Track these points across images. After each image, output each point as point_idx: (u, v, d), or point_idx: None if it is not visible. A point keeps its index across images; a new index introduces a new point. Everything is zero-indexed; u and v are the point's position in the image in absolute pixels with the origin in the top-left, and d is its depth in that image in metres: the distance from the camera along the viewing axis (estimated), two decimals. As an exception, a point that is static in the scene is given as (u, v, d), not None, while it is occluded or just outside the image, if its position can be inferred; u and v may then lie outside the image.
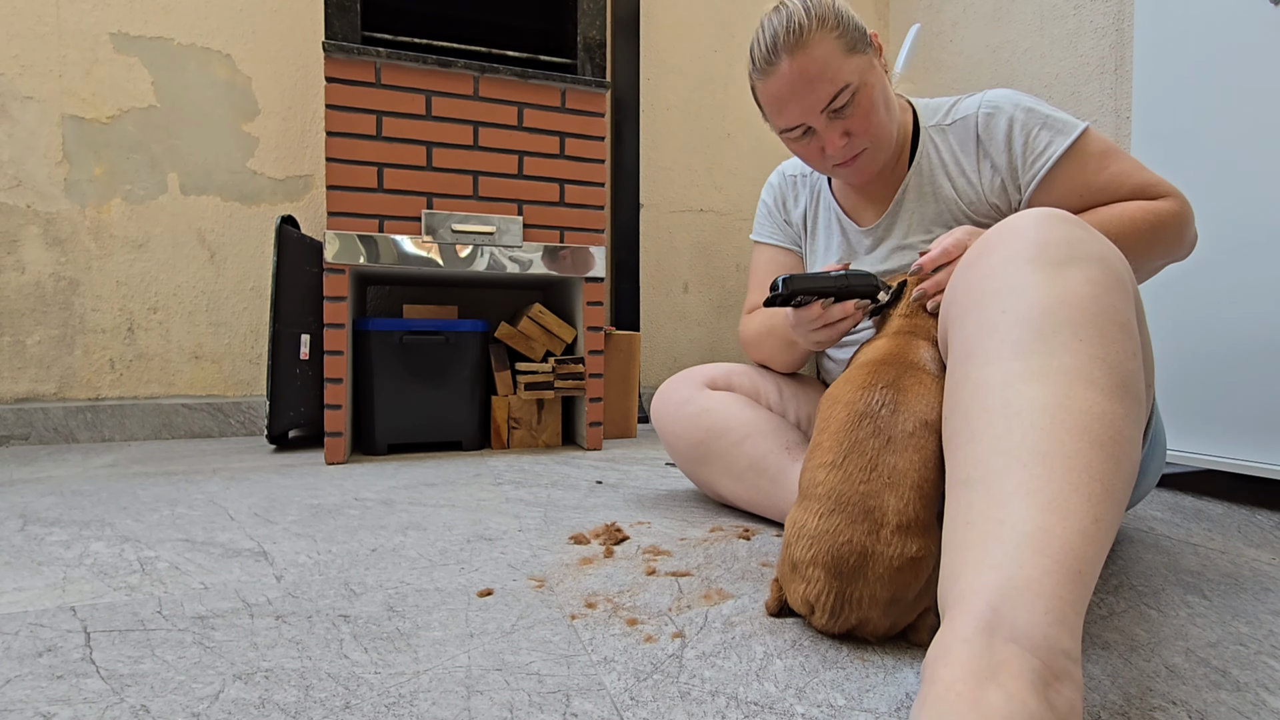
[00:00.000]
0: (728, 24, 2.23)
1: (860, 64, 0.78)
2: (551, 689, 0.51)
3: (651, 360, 2.19)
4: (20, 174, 1.61)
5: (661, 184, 2.17)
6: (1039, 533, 0.41)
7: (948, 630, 0.39)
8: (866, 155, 0.83)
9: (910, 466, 0.58)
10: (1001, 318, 0.51)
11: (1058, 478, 0.42)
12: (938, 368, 0.66)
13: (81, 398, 1.68)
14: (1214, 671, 0.55)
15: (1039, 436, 0.44)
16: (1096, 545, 0.41)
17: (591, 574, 0.76)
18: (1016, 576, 0.39)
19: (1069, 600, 0.39)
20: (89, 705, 0.49)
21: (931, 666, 0.38)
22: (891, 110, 0.83)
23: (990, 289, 0.53)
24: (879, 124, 0.81)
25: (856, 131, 0.81)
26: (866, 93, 0.79)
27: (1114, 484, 0.43)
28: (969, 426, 0.49)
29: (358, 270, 1.50)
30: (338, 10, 1.41)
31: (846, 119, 0.80)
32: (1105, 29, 1.66)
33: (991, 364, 0.50)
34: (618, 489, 1.19)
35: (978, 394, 0.49)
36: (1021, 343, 0.49)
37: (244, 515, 0.99)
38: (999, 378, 0.49)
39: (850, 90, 0.78)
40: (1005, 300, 0.51)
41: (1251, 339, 1.08)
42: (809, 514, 0.59)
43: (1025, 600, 0.38)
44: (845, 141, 0.81)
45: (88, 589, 0.70)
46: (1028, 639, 0.37)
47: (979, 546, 0.42)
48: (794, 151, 0.87)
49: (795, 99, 0.79)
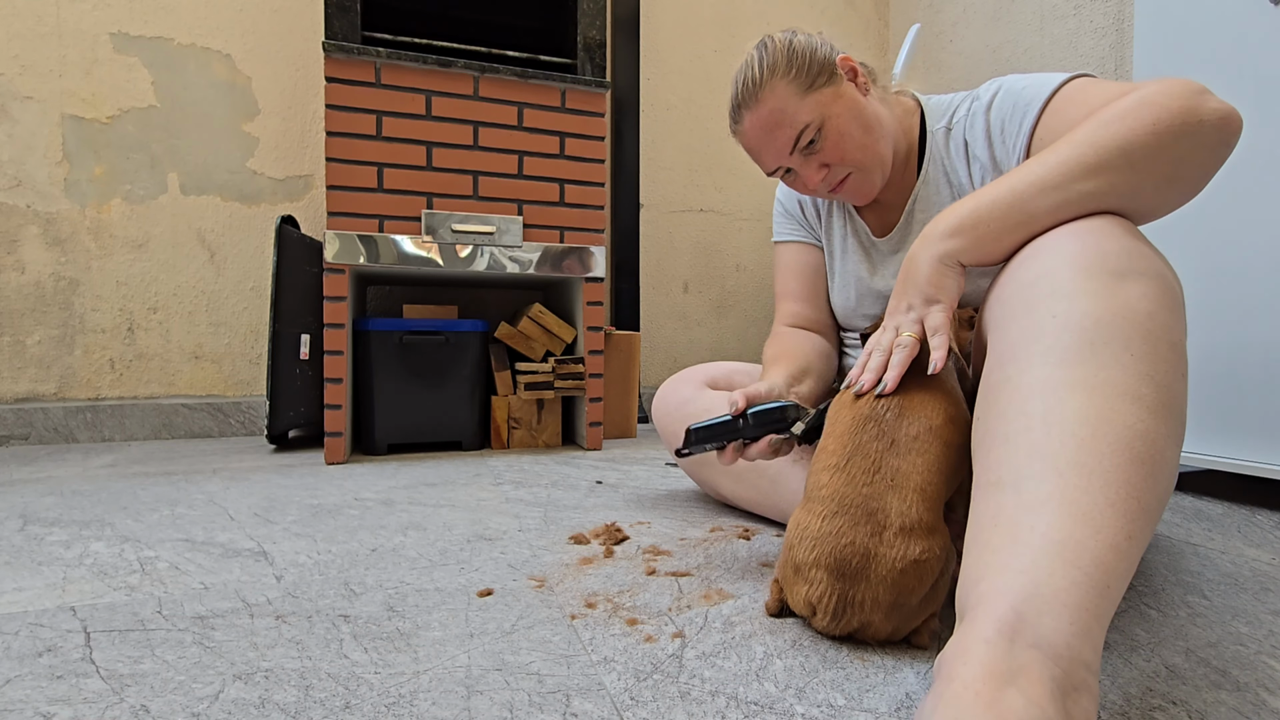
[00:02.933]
0: (728, 24, 2.23)
1: (821, 99, 0.79)
2: (551, 689, 0.51)
3: (651, 360, 2.19)
4: (20, 174, 1.61)
5: (661, 184, 2.17)
6: (1070, 543, 0.40)
7: (968, 630, 0.39)
8: (854, 179, 0.83)
9: (913, 469, 0.58)
10: (1051, 322, 0.50)
11: (1094, 490, 0.42)
12: (945, 370, 0.65)
13: (81, 398, 1.68)
14: (1214, 671, 0.55)
15: (1078, 447, 0.44)
16: (1126, 561, 0.41)
17: (591, 574, 0.76)
18: (1044, 584, 0.39)
19: (1094, 613, 0.39)
20: (89, 705, 0.49)
21: (949, 664, 0.38)
22: (875, 129, 0.81)
23: (1041, 293, 0.52)
24: (856, 149, 0.80)
25: (833, 162, 0.81)
26: (834, 124, 0.79)
27: (1149, 502, 0.43)
28: (1005, 429, 0.48)
29: (358, 270, 1.50)
30: (338, 10, 1.41)
31: (819, 153, 0.81)
32: (1105, 29, 1.66)
33: (1035, 368, 0.49)
34: (618, 489, 1.19)
35: (1017, 397, 0.48)
36: (1069, 350, 0.48)
37: (244, 515, 0.99)
38: (1042, 383, 0.47)
39: (813, 128, 0.79)
40: (1056, 305, 0.50)
41: (1252, 340, 1.08)
42: (812, 516, 0.59)
43: (1051, 608, 0.38)
44: (825, 173, 0.82)
45: (88, 589, 0.70)
46: (1050, 647, 0.37)
47: (1006, 550, 0.42)
48: (789, 187, 0.89)
49: (764, 148, 0.82)
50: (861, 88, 0.82)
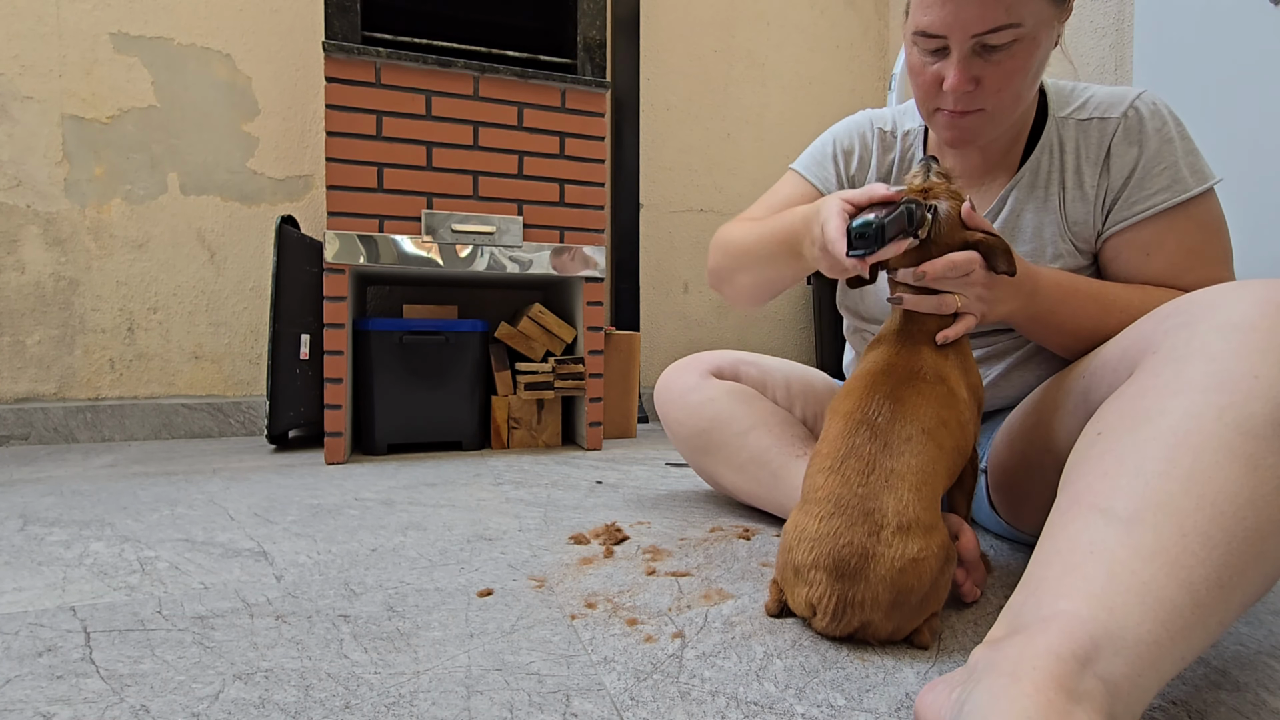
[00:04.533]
0: (728, 24, 2.23)
1: (1045, 13, 0.66)
2: (551, 689, 0.51)
3: (651, 360, 2.19)
4: (20, 174, 1.61)
5: (661, 184, 2.17)
6: (1173, 610, 0.39)
7: (1037, 639, 0.39)
8: (979, 118, 0.71)
9: (907, 469, 0.59)
10: (1250, 383, 0.44)
11: (1210, 566, 0.40)
12: (937, 374, 0.65)
13: (81, 398, 1.68)
14: (1214, 671, 0.55)
15: (1212, 520, 0.41)
16: (1206, 643, 0.41)
17: (591, 574, 0.76)
18: (1129, 630, 0.39)
19: (1164, 676, 0.39)
20: (89, 705, 0.49)
21: (1010, 662, 0.38)
22: (1035, 84, 0.71)
23: (1254, 345, 0.45)
24: (1015, 91, 0.69)
25: (988, 86, 0.68)
26: (1028, 46, 0.66)
27: (1249, 598, 0.42)
28: (1140, 461, 0.44)
29: (358, 270, 1.50)
30: (338, 10, 1.41)
31: (990, 62, 0.67)
32: (1105, 29, 1.66)
33: (1206, 420, 0.43)
34: (618, 489, 1.19)
35: (1171, 438, 0.44)
36: (1257, 420, 0.43)
37: (244, 515, 0.99)
38: (1205, 439, 0.43)
39: (1016, 32, 0.65)
40: (1264, 366, 0.44)
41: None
42: (809, 517, 0.60)
43: (1130, 657, 0.38)
44: (970, 87, 0.69)
45: (88, 589, 0.70)
46: (1115, 686, 0.37)
47: (1099, 581, 0.41)
48: (909, 63, 0.73)
49: (957, 3, 0.65)
50: (1057, 38, 0.70)
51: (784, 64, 2.30)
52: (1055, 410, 0.68)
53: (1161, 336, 0.51)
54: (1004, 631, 0.44)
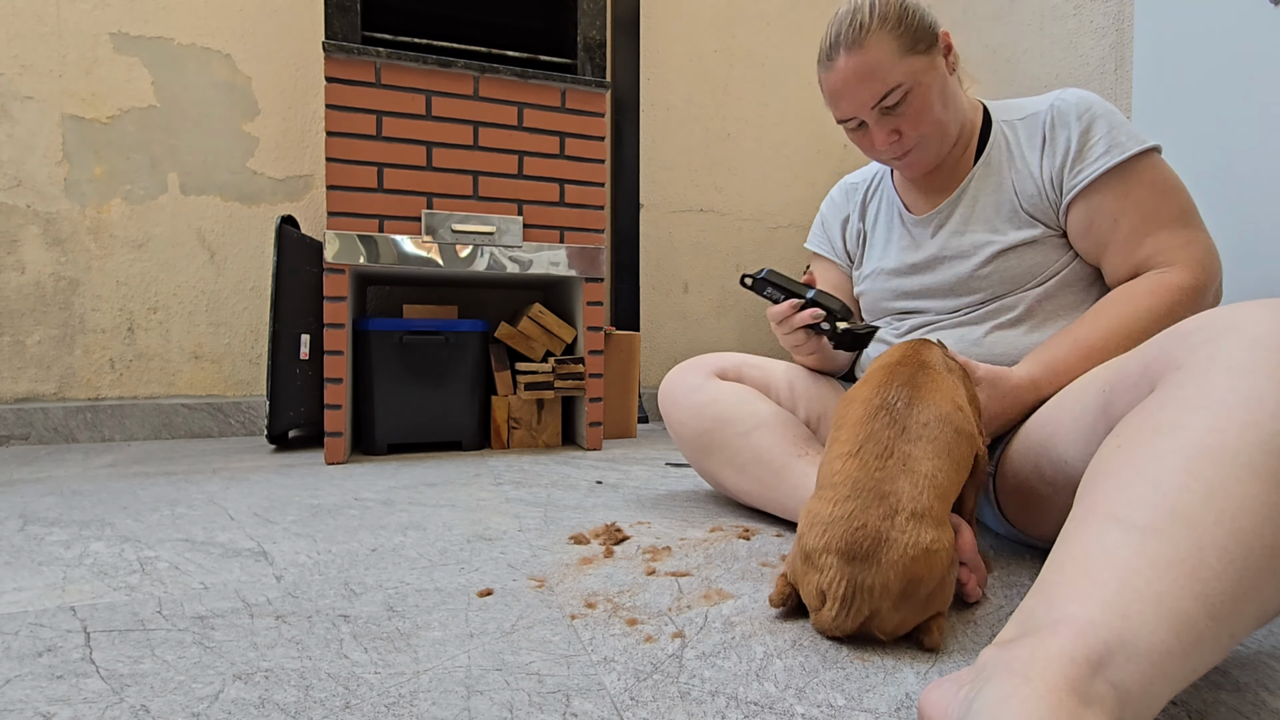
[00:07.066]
0: (728, 24, 2.23)
1: (917, 65, 0.80)
2: (551, 689, 0.51)
3: (651, 360, 2.19)
4: (20, 174, 1.61)
5: (661, 184, 2.17)
6: (1188, 621, 0.39)
7: (1049, 641, 0.39)
8: (916, 151, 0.86)
9: (924, 455, 0.60)
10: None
11: (1226, 581, 0.40)
12: (947, 367, 0.69)
13: (81, 398, 1.68)
14: (1214, 671, 0.55)
15: (1231, 535, 0.41)
16: (1219, 657, 0.41)
17: (591, 574, 0.76)
18: (1143, 639, 0.39)
19: (1175, 686, 0.39)
20: (89, 705, 0.49)
21: (1021, 663, 0.38)
22: (951, 107, 0.84)
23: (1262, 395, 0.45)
24: (932, 123, 0.83)
25: (906, 130, 0.83)
26: (920, 93, 0.81)
27: (1266, 614, 0.42)
28: (1158, 473, 0.44)
29: (358, 270, 1.50)
30: (338, 10, 1.41)
31: (897, 117, 0.82)
32: (1105, 29, 1.66)
33: (1229, 436, 0.44)
34: (618, 489, 1.19)
35: (1190, 452, 0.44)
36: (1275, 445, 0.43)
37: (244, 515, 0.99)
38: (1230, 457, 0.43)
39: (901, 90, 0.80)
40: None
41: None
42: (825, 502, 0.60)
43: (1143, 664, 0.38)
44: (894, 139, 0.84)
45: (88, 589, 0.71)
46: (1126, 693, 0.38)
47: (1114, 590, 0.41)
48: (851, 140, 0.91)
49: (848, 94, 0.82)
50: (950, 65, 0.85)
51: (784, 64, 2.30)
52: (1072, 423, 0.69)
53: (1186, 353, 0.51)
54: (1015, 633, 0.44)
